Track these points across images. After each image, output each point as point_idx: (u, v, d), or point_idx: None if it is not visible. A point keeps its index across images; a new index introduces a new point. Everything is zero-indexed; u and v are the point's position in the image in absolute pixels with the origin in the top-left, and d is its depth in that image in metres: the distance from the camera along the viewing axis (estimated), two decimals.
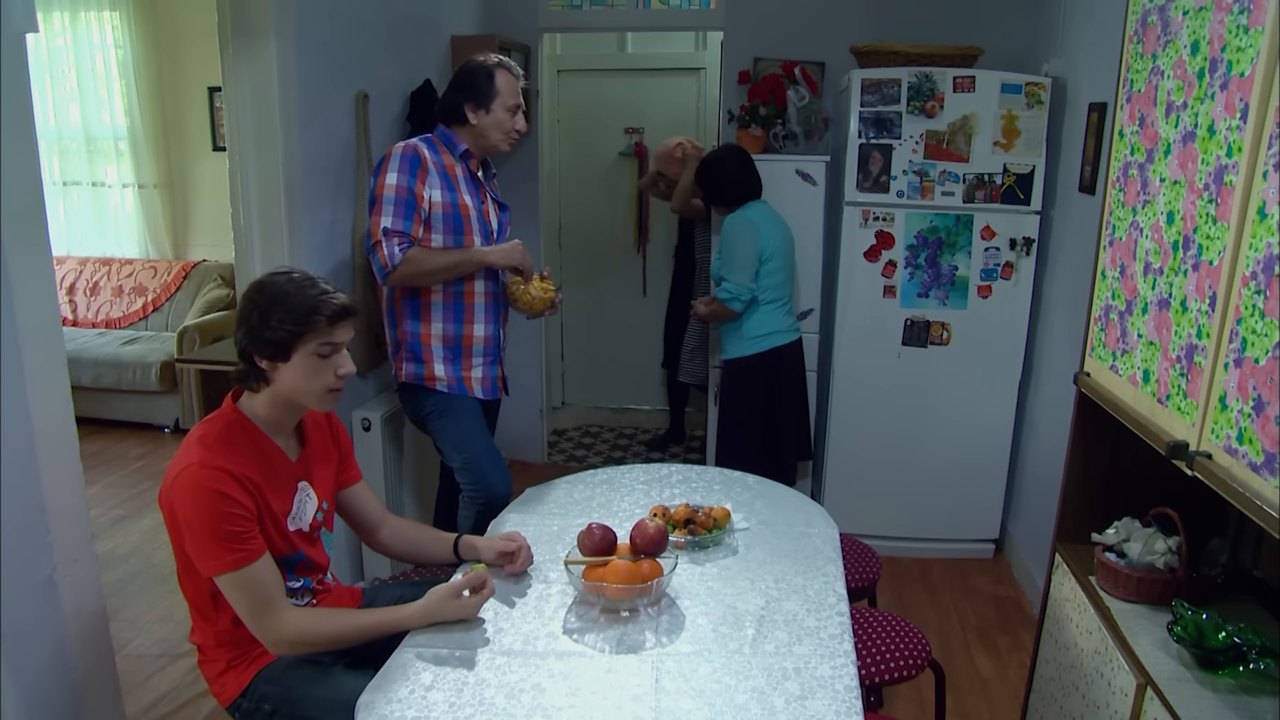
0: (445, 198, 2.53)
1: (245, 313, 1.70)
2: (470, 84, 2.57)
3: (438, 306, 2.61)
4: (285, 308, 1.67)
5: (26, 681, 1.81)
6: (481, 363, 2.69)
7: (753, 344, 3.31)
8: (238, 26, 2.57)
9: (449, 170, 2.56)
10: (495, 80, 2.57)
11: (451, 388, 2.65)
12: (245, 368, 1.73)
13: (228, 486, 1.62)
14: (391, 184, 2.46)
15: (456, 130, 2.61)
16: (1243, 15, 1.40)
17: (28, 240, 1.77)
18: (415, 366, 2.63)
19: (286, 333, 1.67)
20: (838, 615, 1.74)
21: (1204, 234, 1.48)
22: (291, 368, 1.70)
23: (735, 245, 3.24)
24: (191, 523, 1.62)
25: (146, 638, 2.99)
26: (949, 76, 3.32)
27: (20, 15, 1.72)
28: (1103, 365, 1.94)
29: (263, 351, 1.69)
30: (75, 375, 1.91)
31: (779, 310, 3.35)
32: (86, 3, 5.42)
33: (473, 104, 2.57)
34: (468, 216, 2.56)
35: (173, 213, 5.79)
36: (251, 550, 1.64)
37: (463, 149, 2.60)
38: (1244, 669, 1.60)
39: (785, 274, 3.36)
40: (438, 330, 2.62)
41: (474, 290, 2.63)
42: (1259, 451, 1.26)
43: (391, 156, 2.50)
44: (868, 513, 3.69)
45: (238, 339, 1.72)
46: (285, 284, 1.71)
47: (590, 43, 5.14)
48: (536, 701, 1.47)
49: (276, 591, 1.69)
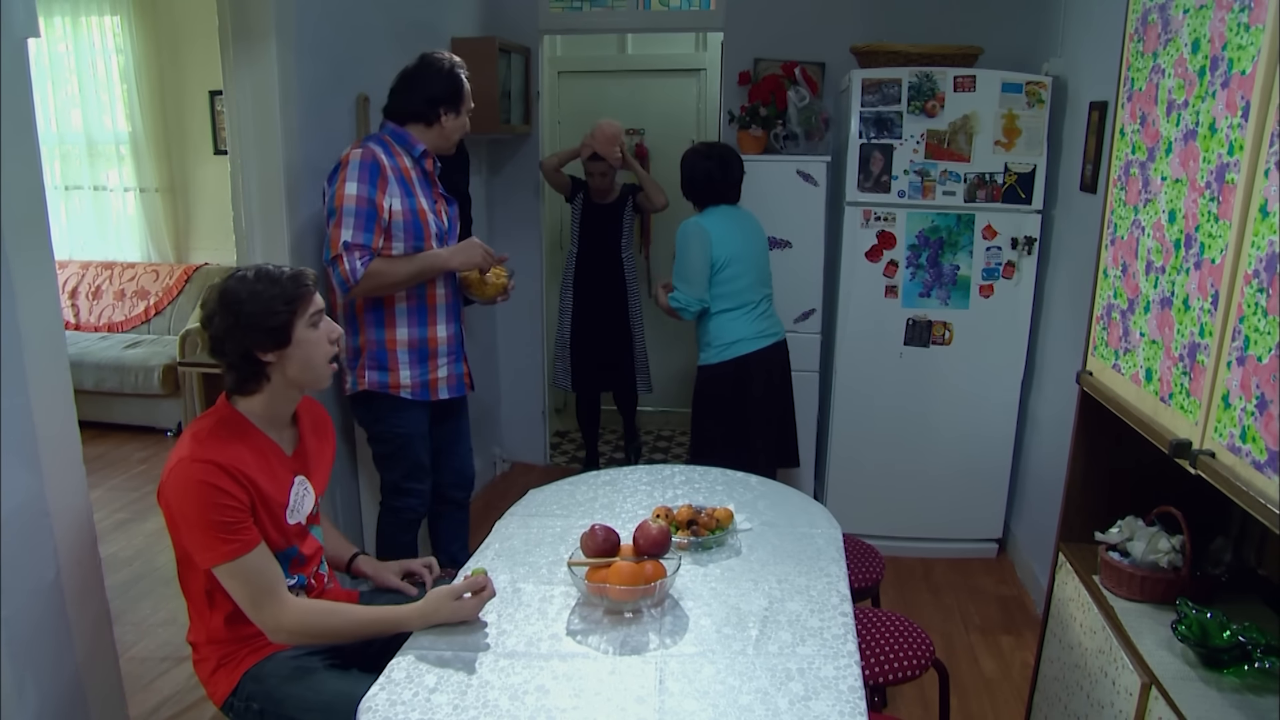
0: (404, 204, 2.51)
1: (229, 318, 1.71)
2: (445, 87, 2.58)
3: (402, 312, 2.61)
4: (271, 294, 1.71)
5: (31, 685, 1.81)
6: (446, 362, 2.72)
7: (718, 352, 3.20)
8: (238, 30, 2.58)
9: (404, 173, 2.54)
10: (462, 82, 2.61)
11: (415, 394, 2.66)
12: (243, 372, 1.74)
13: (217, 478, 1.64)
14: (351, 194, 2.41)
15: (415, 130, 2.59)
16: (1243, 13, 1.40)
17: (30, 244, 1.77)
18: (379, 374, 2.62)
19: (284, 315, 1.71)
20: (841, 616, 1.73)
21: (1206, 232, 1.48)
22: (295, 348, 1.74)
23: (685, 253, 3.15)
24: (186, 515, 1.64)
25: (150, 641, 3.00)
26: (949, 76, 3.32)
27: (22, 20, 1.72)
28: (1105, 364, 1.94)
29: (265, 344, 1.72)
30: (78, 379, 1.91)
31: (745, 316, 3.20)
32: (87, 7, 5.43)
33: (447, 107, 2.59)
34: (425, 220, 2.56)
35: (174, 216, 5.80)
36: (246, 540, 1.66)
37: (421, 149, 2.59)
38: (1249, 668, 1.59)
39: (751, 278, 3.20)
40: (403, 336, 2.62)
41: (435, 293, 2.65)
42: (1262, 450, 1.26)
43: (350, 165, 2.45)
44: (870, 513, 3.68)
45: (228, 347, 1.72)
46: (253, 279, 1.74)
47: (591, 44, 5.14)
48: (540, 703, 1.46)
49: (275, 580, 1.71)
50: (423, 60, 2.61)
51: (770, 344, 3.25)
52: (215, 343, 1.74)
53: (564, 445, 5.11)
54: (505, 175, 4.42)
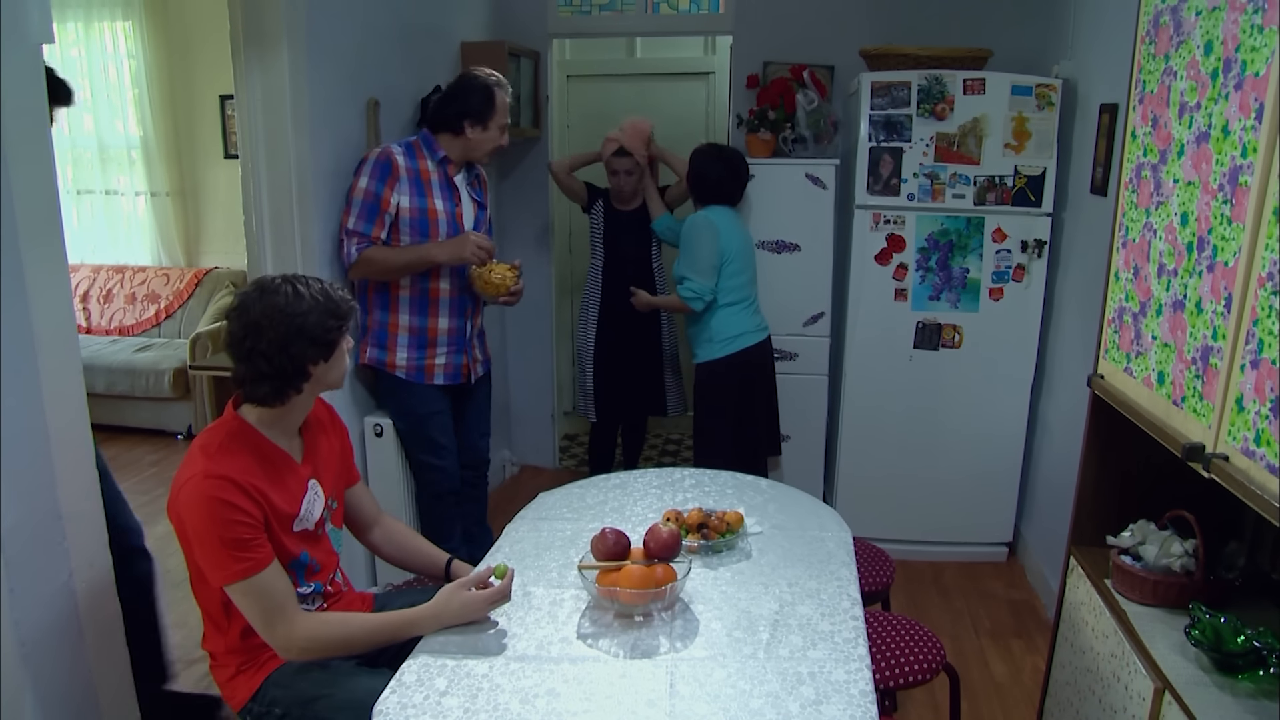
0: (414, 202, 2.74)
1: (287, 329, 1.69)
2: (472, 100, 2.76)
3: (404, 300, 2.83)
4: (327, 307, 1.74)
5: (44, 687, 1.82)
6: (446, 351, 2.91)
7: (723, 346, 3.33)
8: (250, 34, 2.59)
9: (423, 175, 2.77)
10: (495, 99, 2.77)
11: (410, 375, 2.88)
12: (283, 382, 1.73)
13: (232, 495, 1.64)
14: (361, 188, 2.71)
15: (443, 138, 2.80)
16: (1257, 15, 1.39)
17: (44, 248, 1.78)
18: (378, 352, 2.88)
19: (336, 329, 1.77)
20: (852, 619, 1.73)
21: (1219, 235, 1.47)
22: (336, 357, 1.79)
23: (696, 245, 3.26)
24: (199, 532, 1.64)
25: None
26: (959, 79, 3.32)
27: (36, 26, 1.73)
28: (1116, 367, 1.93)
29: (317, 355, 1.75)
30: (89, 382, 1.93)
31: (745, 311, 3.37)
32: (100, 13, 5.46)
33: (472, 120, 2.76)
34: (435, 220, 2.77)
35: (185, 220, 5.82)
36: (259, 559, 1.66)
37: (441, 155, 2.79)
38: (1264, 673, 1.58)
39: (748, 275, 3.37)
40: (404, 322, 2.85)
41: (439, 286, 2.84)
42: (1276, 453, 1.25)
43: (367, 161, 2.73)
44: (880, 516, 3.67)
45: (279, 359, 1.70)
46: (307, 292, 1.74)
47: (599, 48, 5.14)
48: (551, 707, 1.46)
49: (286, 599, 1.70)
50: (461, 76, 2.84)
51: (765, 337, 3.45)
52: (260, 356, 1.69)
53: (573, 449, 5.11)
54: (514, 179, 4.42)
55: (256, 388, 1.73)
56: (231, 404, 1.80)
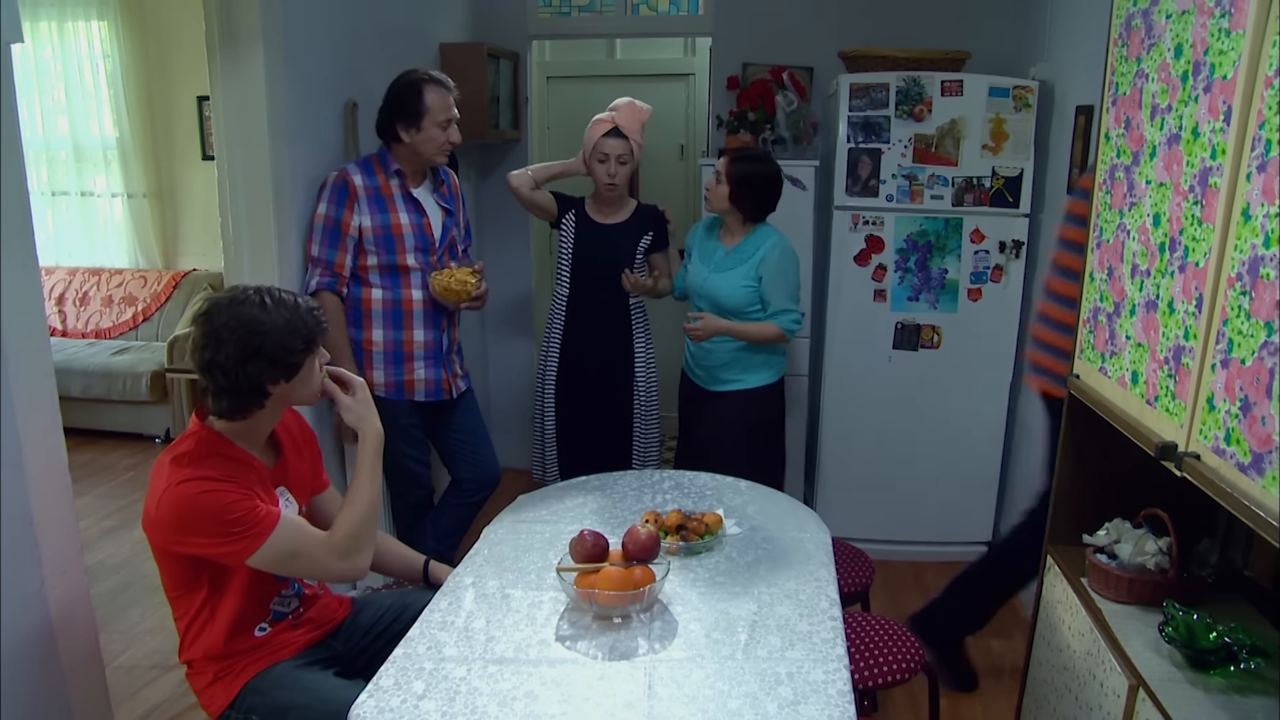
0: (376, 220, 2.68)
1: (247, 348, 1.66)
2: (399, 103, 2.66)
3: (377, 315, 2.75)
4: (293, 328, 1.70)
5: (16, 695, 1.80)
6: (424, 365, 2.82)
7: (777, 370, 3.11)
8: (226, 35, 2.57)
9: (382, 191, 2.71)
10: (424, 97, 2.64)
11: (389, 393, 2.78)
12: (241, 399, 1.70)
13: (210, 485, 1.63)
14: (321, 214, 2.67)
15: (393, 149, 2.72)
16: (1224, 19, 1.41)
17: (14, 250, 1.76)
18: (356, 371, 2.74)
19: (301, 352, 1.72)
20: (830, 620, 1.74)
21: (1190, 236, 1.49)
22: (302, 377, 1.76)
23: (792, 273, 3.00)
24: (198, 528, 1.62)
25: (138, 649, 2.97)
26: (937, 80, 3.34)
27: (6, 26, 1.71)
28: (1092, 367, 1.95)
29: (277, 376, 1.71)
30: (65, 386, 1.90)
31: None
32: (74, 12, 5.41)
33: (404, 123, 2.67)
34: (400, 235, 2.71)
35: (162, 222, 5.77)
36: (265, 524, 1.65)
37: (394, 168, 2.71)
38: (1235, 669, 1.60)
39: None
40: (377, 336, 2.76)
41: (410, 297, 2.76)
42: (1246, 452, 1.26)
43: (325, 186, 2.68)
44: (860, 517, 3.69)
45: (236, 376, 1.66)
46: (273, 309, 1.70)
47: (579, 49, 5.14)
48: (529, 709, 1.46)
49: (311, 537, 1.74)
50: (394, 81, 2.72)
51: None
52: (218, 369, 1.66)
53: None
54: (495, 180, 4.41)
55: (217, 401, 1.71)
56: (196, 414, 1.78)
